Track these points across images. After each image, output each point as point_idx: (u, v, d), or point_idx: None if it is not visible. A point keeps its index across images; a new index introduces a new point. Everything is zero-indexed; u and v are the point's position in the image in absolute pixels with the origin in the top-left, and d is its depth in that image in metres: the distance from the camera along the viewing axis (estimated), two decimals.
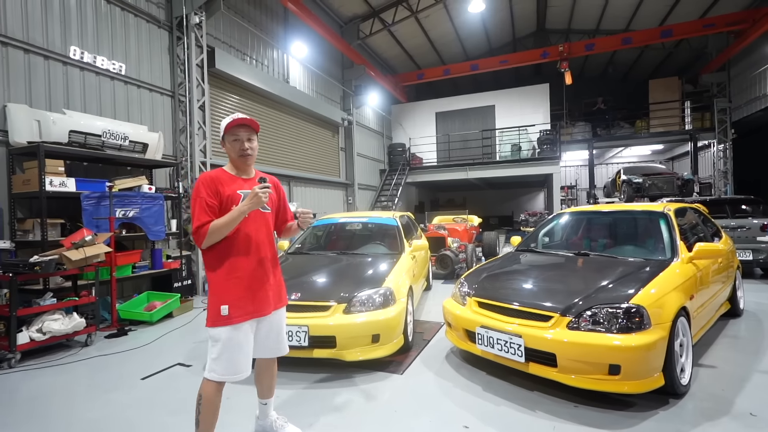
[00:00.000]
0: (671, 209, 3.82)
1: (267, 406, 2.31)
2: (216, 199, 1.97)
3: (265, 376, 2.27)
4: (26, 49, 4.72)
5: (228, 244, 1.99)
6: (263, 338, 2.11)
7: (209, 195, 1.96)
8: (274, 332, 2.15)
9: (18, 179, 4.48)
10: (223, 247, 1.99)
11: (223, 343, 1.93)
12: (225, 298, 1.95)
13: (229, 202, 1.99)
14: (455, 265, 7.24)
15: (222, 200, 1.98)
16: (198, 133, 6.71)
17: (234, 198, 2.00)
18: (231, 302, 1.95)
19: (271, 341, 2.15)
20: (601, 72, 18.41)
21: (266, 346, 2.14)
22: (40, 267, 3.68)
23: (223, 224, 1.92)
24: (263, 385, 2.28)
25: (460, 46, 15.66)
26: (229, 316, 1.93)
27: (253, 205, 1.94)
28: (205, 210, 1.93)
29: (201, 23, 6.69)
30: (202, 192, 1.96)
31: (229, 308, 1.93)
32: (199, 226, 1.92)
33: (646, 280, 2.84)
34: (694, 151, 13.42)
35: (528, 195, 20.99)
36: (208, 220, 1.93)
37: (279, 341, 2.20)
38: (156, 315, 4.86)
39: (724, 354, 3.40)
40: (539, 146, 13.50)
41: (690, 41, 13.78)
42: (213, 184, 1.99)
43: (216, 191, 1.98)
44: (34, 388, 3.14)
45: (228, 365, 1.94)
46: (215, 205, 1.96)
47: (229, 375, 1.95)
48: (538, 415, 2.50)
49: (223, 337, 1.93)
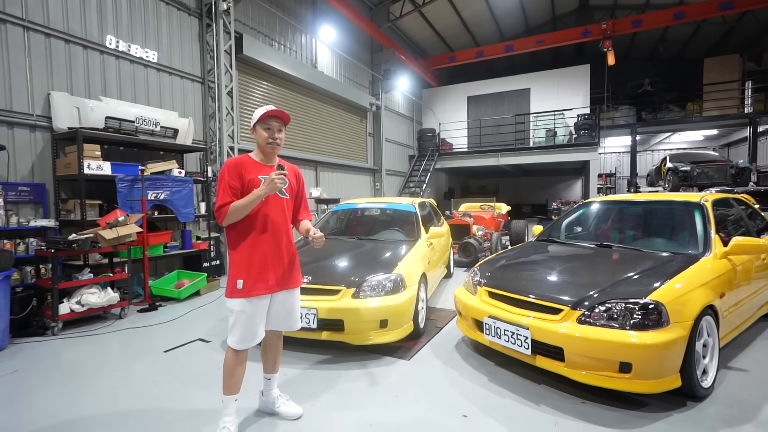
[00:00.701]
0: (709, 200, 3.52)
1: (271, 381, 2.42)
2: (238, 182, 2.14)
3: (271, 351, 2.39)
4: (67, 39, 5.00)
5: (248, 224, 2.16)
6: (274, 313, 2.27)
7: (232, 178, 2.13)
8: (285, 309, 2.29)
9: (61, 162, 4.82)
10: (244, 226, 2.17)
11: (237, 314, 2.12)
12: (241, 272, 2.12)
13: (250, 186, 2.14)
14: (479, 254, 7.10)
15: (244, 183, 2.15)
16: (226, 119, 6.90)
17: (255, 182, 2.16)
18: (246, 277, 2.12)
19: (281, 317, 2.29)
20: (651, 51, 17.07)
21: (276, 321, 2.29)
22: (77, 244, 3.97)
23: (242, 205, 2.09)
24: (268, 360, 2.40)
25: (494, 26, 15.01)
26: (243, 289, 2.11)
27: (269, 189, 2.10)
28: (228, 191, 2.11)
29: (229, 9, 6.79)
30: (226, 175, 2.14)
31: (244, 282, 2.11)
32: (221, 205, 2.11)
33: (671, 275, 2.65)
34: (754, 136, 12.23)
35: (564, 183, 20.11)
36: (229, 200, 2.10)
37: (289, 318, 2.34)
38: (184, 293, 5.13)
39: (760, 357, 3.14)
40: (576, 132, 12.82)
41: (756, 13, 12.44)
42: (237, 169, 2.16)
43: (239, 175, 2.15)
44: (70, 354, 3.43)
45: (240, 334, 2.13)
46: (237, 187, 2.13)
47: (244, 343, 2.14)
48: (541, 410, 2.43)
49: (237, 309, 2.12)
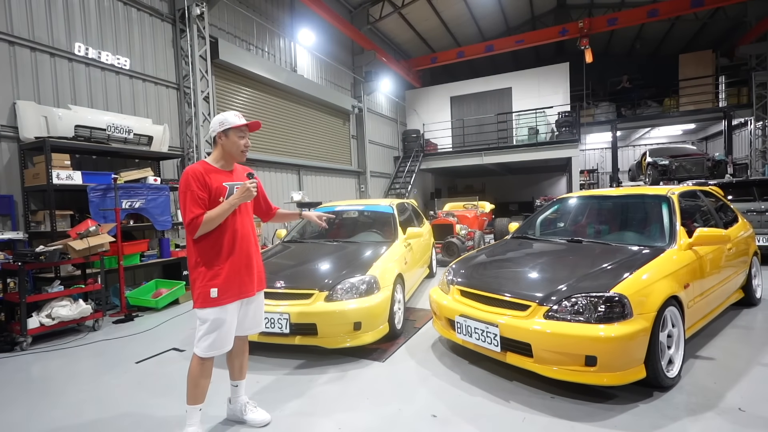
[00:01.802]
0: (675, 192, 3.59)
1: (238, 387, 2.39)
2: (205, 191, 2.09)
3: (237, 357, 2.36)
4: (32, 47, 4.91)
5: (218, 232, 2.14)
6: (243, 317, 2.26)
7: (199, 188, 2.07)
8: (252, 312, 2.31)
9: (29, 173, 4.71)
10: (214, 236, 2.13)
11: (211, 323, 2.09)
12: (215, 281, 2.09)
13: (216, 194, 2.12)
14: (461, 252, 7.14)
15: (210, 193, 2.11)
16: (203, 125, 6.83)
17: (221, 190, 2.14)
18: (220, 285, 2.10)
19: (249, 320, 2.31)
20: (628, 49, 17.40)
21: (245, 325, 2.30)
22: (45, 256, 3.88)
23: (215, 216, 2.07)
24: (234, 366, 2.37)
25: (475, 27, 15.15)
26: (218, 298, 2.09)
27: (243, 198, 2.13)
28: (197, 202, 2.06)
29: (203, 14, 6.73)
30: (192, 185, 2.07)
31: (219, 291, 2.09)
32: (193, 218, 2.05)
33: (636, 268, 2.69)
34: (729, 129, 12.53)
35: (549, 180, 20.31)
36: (200, 212, 2.06)
37: (256, 320, 2.37)
38: (161, 302, 5.05)
39: (727, 345, 3.20)
40: (557, 129, 12.99)
41: (726, 10, 12.76)
42: (202, 178, 2.10)
43: (205, 184, 2.10)
44: (39, 369, 3.35)
45: (213, 342, 2.10)
46: (205, 197, 2.09)
47: (213, 351, 2.11)
48: (510, 406, 2.44)
49: (211, 317, 2.09)
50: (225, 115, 2.21)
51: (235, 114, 2.23)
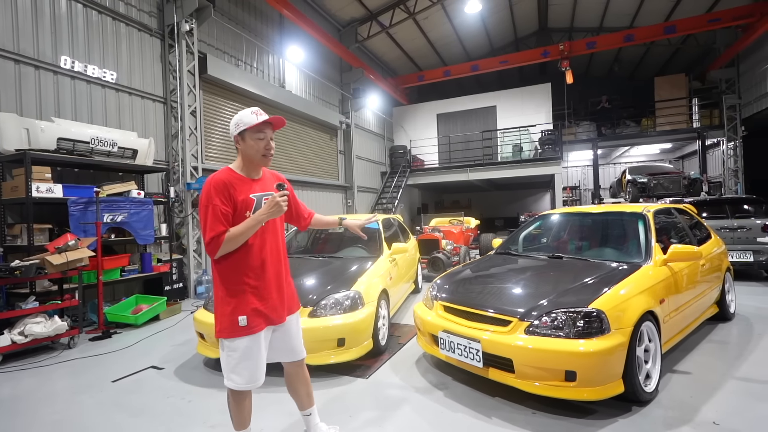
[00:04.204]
0: (651, 210, 3.72)
1: (311, 416, 2.18)
2: (230, 205, 1.83)
3: (298, 383, 2.13)
4: (16, 59, 4.87)
5: (243, 252, 1.87)
6: (277, 343, 2.02)
7: (223, 202, 1.81)
8: (287, 337, 2.05)
9: (7, 186, 4.61)
10: (239, 255, 1.87)
11: (242, 353, 1.86)
12: (242, 308, 1.86)
13: (243, 208, 1.85)
14: (447, 267, 7.18)
15: (236, 206, 1.85)
16: (189, 139, 6.81)
17: (248, 203, 1.87)
18: (249, 312, 1.86)
19: (285, 346, 2.06)
20: (607, 71, 18.10)
21: (282, 351, 2.06)
22: (20, 271, 3.78)
23: (239, 233, 1.80)
24: (299, 394, 2.14)
25: (460, 47, 15.59)
26: (248, 326, 1.85)
27: (273, 214, 1.83)
28: (219, 219, 1.79)
29: (192, 30, 6.80)
30: (214, 199, 1.80)
31: (248, 318, 1.85)
32: (214, 236, 1.78)
33: (613, 284, 2.77)
34: (703, 149, 13.06)
35: (533, 196, 20.71)
36: (223, 229, 1.79)
37: (295, 345, 2.10)
38: (141, 318, 4.93)
39: (703, 360, 3.29)
40: (541, 146, 13.33)
41: (697, 37, 13.47)
42: (226, 190, 1.83)
43: (229, 197, 1.83)
44: (8, 389, 3.22)
45: (247, 374, 1.88)
46: (229, 213, 1.82)
47: (249, 383, 1.90)
48: (492, 422, 2.45)
49: (242, 347, 1.86)
50: (241, 114, 1.90)
51: (252, 111, 1.89)
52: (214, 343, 3.34)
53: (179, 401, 2.89)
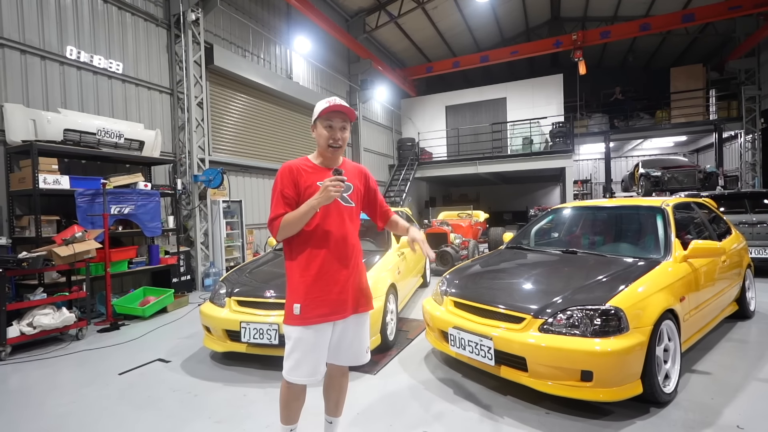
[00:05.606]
0: (670, 204, 3.58)
1: (333, 425, 2.06)
2: (293, 190, 1.82)
3: (333, 389, 2.02)
4: (22, 50, 4.83)
5: (304, 239, 1.83)
6: (337, 343, 1.89)
7: (286, 186, 1.82)
8: (349, 338, 1.91)
9: (14, 177, 4.61)
10: (299, 242, 1.84)
11: (294, 343, 1.81)
12: (297, 296, 1.82)
13: (308, 194, 1.81)
14: (455, 262, 7.09)
15: (300, 192, 1.83)
16: (197, 131, 6.77)
17: (314, 190, 1.82)
18: (303, 302, 1.80)
19: (344, 348, 1.91)
20: (621, 61, 17.65)
21: (340, 353, 1.91)
22: (27, 263, 3.77)
23: (293, 219, 1.77)
24: (330, 400, 2.05)
25: (470, 37, 15.30)
26: (300, 316, 1.79)
27: (323, 200, 1.73)
28: (281, 201, 1.80)
29: (198, 20, 6.71)
30: (279, 183, 1.84)
31: (301, 308, 1.80)
32: (273, 218, 1.80)
33: (631, 280, 2.66)
34: (719, 142, 12.69)
35: (543, 189, 20.41)
36: (282, 212, 1.79)
37: (356, 349, 1.94)
38: (148, 310, 4.93)
39: (723, 359, 3.17)
40: (551, 139, 13.09)
41: (716, 25, 13.02)
42: (291, 175, 1.84)
43: (294, 182, 1.83)
44: (17, 380, 3.22)
45: (296, 366, 1.81)
46: (292, 197, 1.82)
47: (298, 376, 1.81)
48: (504, 422, 2.37)
49: (294, 336, 1.81)
50: (319, 103, 1.86)
51: (327, 100, 1.84)
52: (221, 336, 3.31)
53: (185, 395, 2.86)
